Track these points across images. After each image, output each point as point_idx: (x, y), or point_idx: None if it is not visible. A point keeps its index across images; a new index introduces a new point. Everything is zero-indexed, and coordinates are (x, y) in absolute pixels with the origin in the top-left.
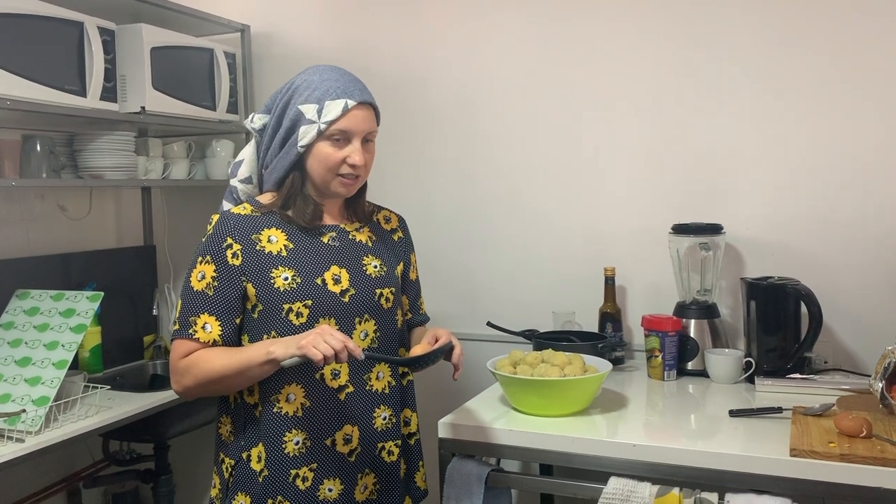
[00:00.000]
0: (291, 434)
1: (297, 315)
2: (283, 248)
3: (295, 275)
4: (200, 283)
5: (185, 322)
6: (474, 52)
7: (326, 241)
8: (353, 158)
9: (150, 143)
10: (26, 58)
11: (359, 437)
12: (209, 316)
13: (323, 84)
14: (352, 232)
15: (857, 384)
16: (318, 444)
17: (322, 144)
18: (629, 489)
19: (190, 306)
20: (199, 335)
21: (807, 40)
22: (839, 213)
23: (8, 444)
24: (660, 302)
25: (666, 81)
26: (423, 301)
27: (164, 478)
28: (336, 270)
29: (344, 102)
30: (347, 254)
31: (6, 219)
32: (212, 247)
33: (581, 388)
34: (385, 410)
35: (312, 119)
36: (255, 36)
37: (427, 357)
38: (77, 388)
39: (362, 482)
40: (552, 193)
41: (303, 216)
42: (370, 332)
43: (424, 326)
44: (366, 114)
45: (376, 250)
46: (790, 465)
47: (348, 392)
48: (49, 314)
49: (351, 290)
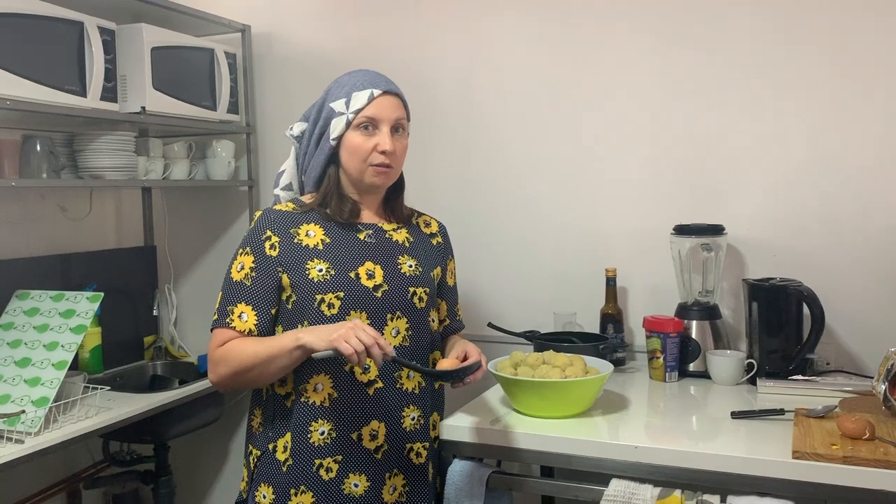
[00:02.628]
0: (318, 424)
1: (329, 306)
2: (319, 241)
3: (329, 267)
4: (239, 273)
5: (224, 311)
6: (475, 53)
7: (363, 238)
8: (383, 145)
9: (151, 144)
10: (26, 58)
11: (385, 434)
12: (246, 305)
13: (351, 80)
14: (389, 231)
15: (859, 386)
16: (343, 437)
17: (352, 134)
18: (630, 491)
19: (228, 296)
20: (235, 324)
21: (808, 40)
22: (841, 214)
23: (7, 445)
24: (661, 303)
25: (667, 82)
26: (460, 307)
27: (164, 479)
28: (370, 266)
29: (370, 92)
30: (383, 251)
31: (6, 219)
32: (252, 239)
33: (582, 389)
34: (414, 411)
35: (341, 111)
36: (256, 36)
37: (454, 373)
38: (77, 389)
39: (391, 482)
40: (553, 194)
41: (340, 213)
42: (402, 329)
43: (459, 335)
44: (393, 101)
45: (413, 251)
46: (792, 467)
47: (377, 388)
48: (49, 315)
49: (384, 286)
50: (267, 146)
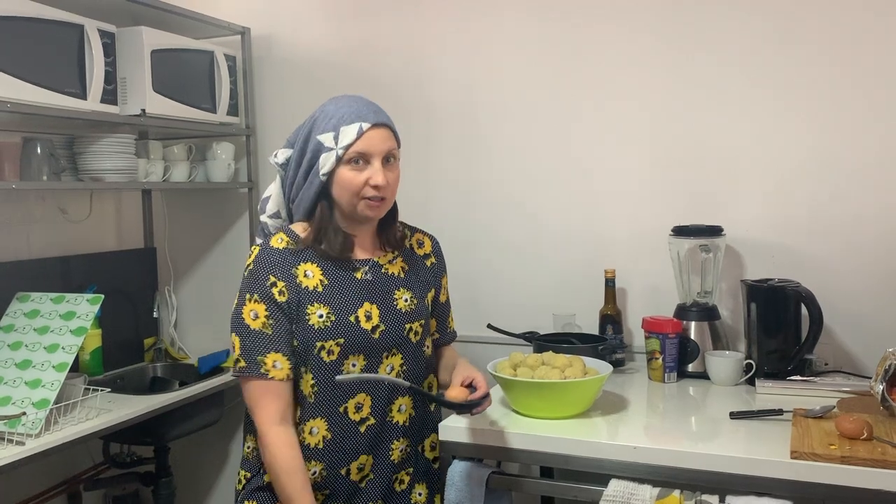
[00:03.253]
0: (311, 465)
1: (329, 353)
2: (318, 283)
3: (329, 312)
4: (255, 322)
5: (254, 362)
6: (475, 55)
7: (360, 277)
8: (375, 179)
9: (151, 146)
10: (27, 60)
11: (372, 465)
12: (276, 353)
13: (338, 112)
14: (385, 265)
15: (857, 386)
16: (333, 474)
17: (343, 170)
18: (630, 491)
19: (254, 346)
20: (273, 374)
21: (808, 40)
22: (840, 215)
23: (8, 447)
24: (660, 304)
25: (667, 83)
26: (451, 318)
27: (165, 480)
28: (368, 307)
29: (358, 126)
30: (379, 289)
31: (6, 221)
32: (257, 285)
33: (581, 390)
34: (402, 442)
35: (330, 146)
36: (256, 38)
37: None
38: (77, 391)
39: None
40: (552, 195)
41: (333, 248)
42: (396, 365)
43: (452, 347)
44: (382, 134)
45: (408, 282)
46: (791, 467)
47: (369, 424)
48: (49, 317)
49: (381, 326)
50: (267, 148)
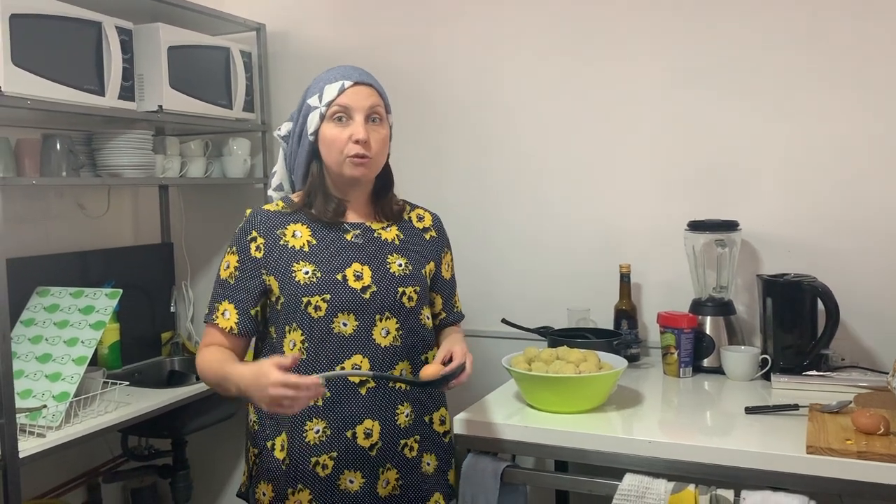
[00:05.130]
0: (312, 423)
1: (316, 308)
2: (305, 243)
3: (315, 269)
4: (225, 271)
5: (212, 307)
6: (489, 49)
7: (350, 239)
8: (356, 133)
9: (168, 142)
10: (46, 58)
11: (380, 432)
12: (229, 304)
13: (326, 75)
14: (378, 230)
15: (874, 381)
16: (338, 434)
17: (326, 127)
18: (644, 486)
19: (216, 293)
20: (219, 321)
21: (823, 36)
22: (856, 209)
23: (30, 440)
24: (675, 299)
25: (682, 78)
26: (458, 299)
27: (182, 473)
28: (358, 267)
29: (340, 83)
30: (371, 251)
31: (26, 217)
32: (238, 239)
33: (596, 384)
34: (407, 407)
35: (315, 105)
36: (271, 34)
37: (435, 382)
38: (96, 385)
39: (384, 477)
40: (567, 190)
41: (325, 212)
42: (392, 329)
43: (459, 326)
44: (365, 91)
45: (403, 249)
46: (807, 462)
47: (370, 387)
48: (69, 311)
49: (372, 286)
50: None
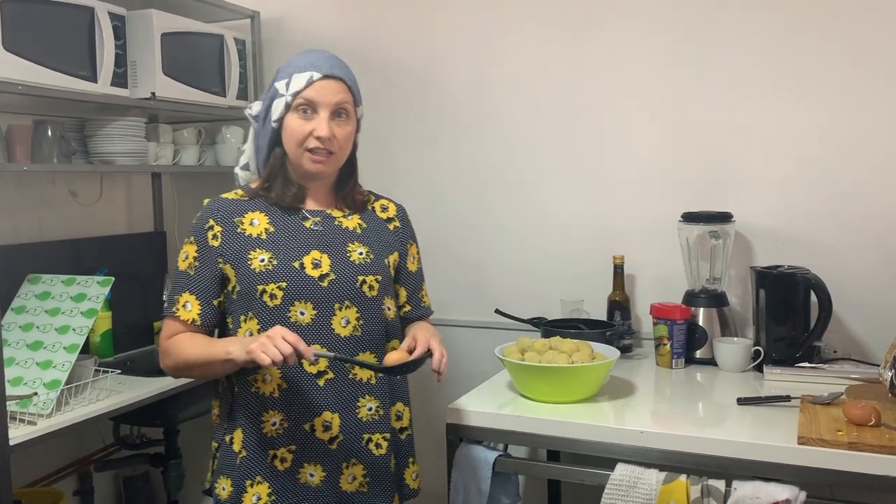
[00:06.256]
0: (269, 415)
1: (272, 297)
2: (263, 230)
3: (272, 257)
4: (184, 262)
5: (172, 300)
6: (485, 40)
7: (309, 226)
8: (319, 130)
9: (161, 129)
10: (38, 43)
11: (339, 425)
12: (190, 295)
13: (298, 60)
14: (338, 218)
15: (866, 373)
16: (295, 427)
17: (290, 117)
18: (636, 476)
19: (176, 285)
20: (180, 313)
21: (818, 29)
22: (850, 201)
23: (20, 427)
24: (669, 290)
25: (676, 70)
26: (425, 293)
27: (174, 462)
28: (317, 255)
29: (309, 75)
30: (330, 239)
31: (18, 204)
32: (196, 229)
33: (588, 375)
34: (370, 401)
35: (282, 93)
36: (266, 22)
37: (398, 368)
38: (88, 373)
39: (349, 472)
40: (562, 180)
41: (284, 197)
42: (352, 319)
43: (427, 321)
44: (334, 86)
45: (365, 237)
46: (798, 452)
47: (328, 378)
48: (60, 299)
49: (331, 275)
50: None
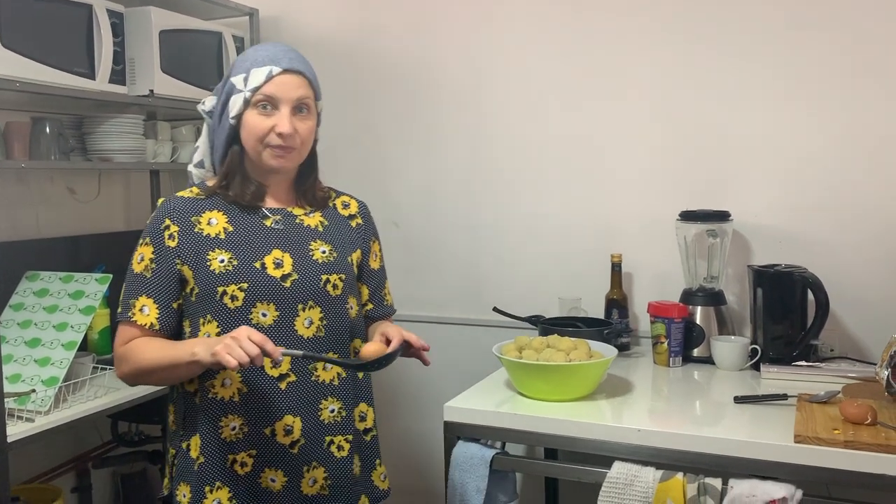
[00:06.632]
0: (228, 419)
1: (233, 298)
2: (222, 230)
3: (232, 257)
4: (140, 264)
5: (126, 304)
6: (482, 41)
7: (269, 225)
8: (281, 126)
9: (159, 127)
10: (36, 40)
11: (301, 428)
12: (147, 298)
13: (255, 54)
14: (300, 216)
15: (863, 372)
16: (255, 431)
17: (249, 113)
18: (633, 474)
19: (130, 288)
20: (137, 318)
21: (816, 28)
22: (847, 200)
23: (18, 424)
24: (666, 289)
25: (676, 69)
26: (388, 291)
27: None
28: (278, 255)
29: (269, 69)
30: (292, 238)
31: (16, 201)
32: (151, 229)
33: (586, 373)
34: (333, 403)
35: (240, 89)
36: (264, 20)
37: (375, 363)
38: (86, 370)
39: (309, 475)
40: (560, 179)
41: (243, 195)
42: (315, 319)
43: (390, 320)
44: (295, 80)
45: (327, 235)
46: (794, 451)
47: (290, 381)
48: (58, 296)
49: (294, 274)
50: None
